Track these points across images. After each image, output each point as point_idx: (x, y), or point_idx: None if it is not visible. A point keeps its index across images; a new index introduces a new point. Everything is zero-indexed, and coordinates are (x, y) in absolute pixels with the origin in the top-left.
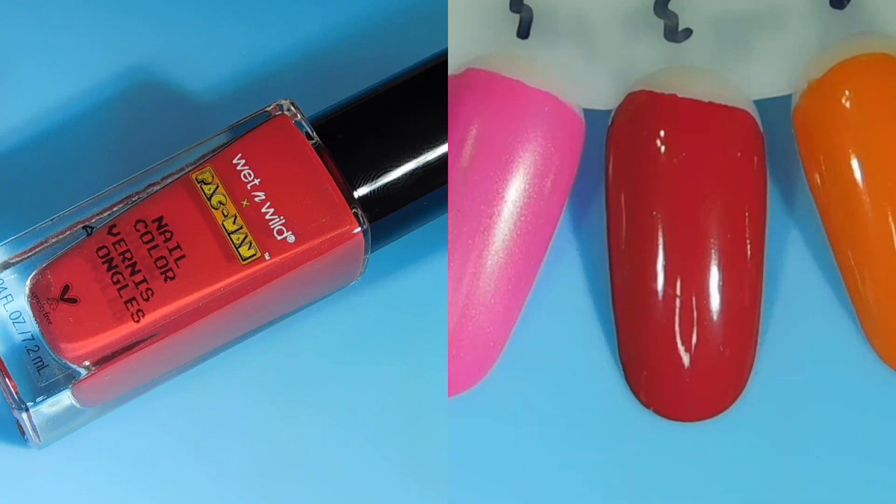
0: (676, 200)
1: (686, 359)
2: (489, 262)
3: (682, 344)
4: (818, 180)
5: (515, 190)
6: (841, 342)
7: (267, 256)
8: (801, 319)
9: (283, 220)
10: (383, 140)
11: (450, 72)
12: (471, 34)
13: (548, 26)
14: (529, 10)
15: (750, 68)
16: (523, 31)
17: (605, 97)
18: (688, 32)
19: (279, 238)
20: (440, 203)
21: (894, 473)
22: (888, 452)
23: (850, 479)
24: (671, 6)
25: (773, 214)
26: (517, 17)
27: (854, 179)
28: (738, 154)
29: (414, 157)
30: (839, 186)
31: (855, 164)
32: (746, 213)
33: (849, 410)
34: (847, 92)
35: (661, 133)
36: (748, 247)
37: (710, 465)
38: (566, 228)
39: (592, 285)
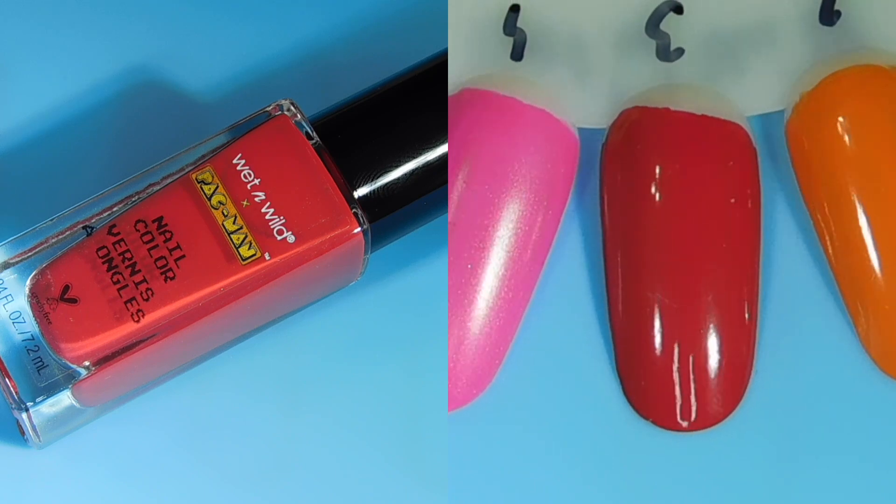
0: (670, 214)
1: (682, 369)
2: (486, 279)
3: (680, 352)
4: (812, 192)
5: (512, 206)
6: (838, 349)
7: (267, 256)
8: (798, 329)
9: (283, 221)
10: (383, 140)
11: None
12: (467, 57)
13: (542, 48)
14: (523, 32)
15: (742, 85)
16: (517, 54)
17: (600, 116)
18: (680, 51)
19: (279, 238)
20: (440, 203)
21: (893, 481)
22: (887, 460)
23: (850, 487)
24: (663, 26)
25: (768, 225)
26: (511, 39)
27: (848, 190)
28: (731, 166)
29: (414, 157)
30: (832, 197)
31: (848, 174)
32: (741, 225)
33: (846, 418)
34: (839, 102)
35: (655, 146)
36: (744, 256)
37: (708, 473)
38: (563, 242)
39: (589, 297)
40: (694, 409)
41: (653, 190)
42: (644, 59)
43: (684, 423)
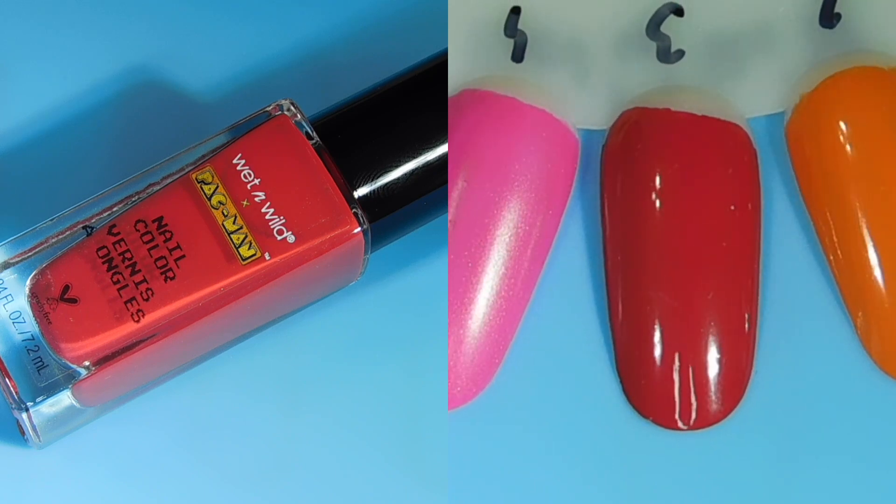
0: (670, 213)
1: (682, 374)
2: (487, 276)
3: (679, 353)
4: (812, 193)
5: (511, 205)
6: (838, 349)
7: (267, 256)
8: (798, 326)
9: (283, 220)
10: (383, 140)
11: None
12: (467, 58)
13: (542, 50)
14: (524, 34)
15: (742, 88)
16: (518, 55)
17: (600, 117)
18: (680, 53)
19: (279, 238)
20: (440, 203)
21: (893, 481)
22: (887, 460)
23: (850, 487)
24: (663, 28)
25: (768, 226)
26: (512, 41)
27: (847, 191)
28: (731, 167)
29: (414, 157)
30: (832, 197)
31: (848, 175)
32: (741, 226)
33: (846, 418)
34: (839, 104)
35: (655, 147)
36: (744, 257)
37: (708, 473)
38: (563, 242)
39: (589, 297)
40: (694, 410)
41: (653, 194)
42: (644, 61)
43: (684, 426)
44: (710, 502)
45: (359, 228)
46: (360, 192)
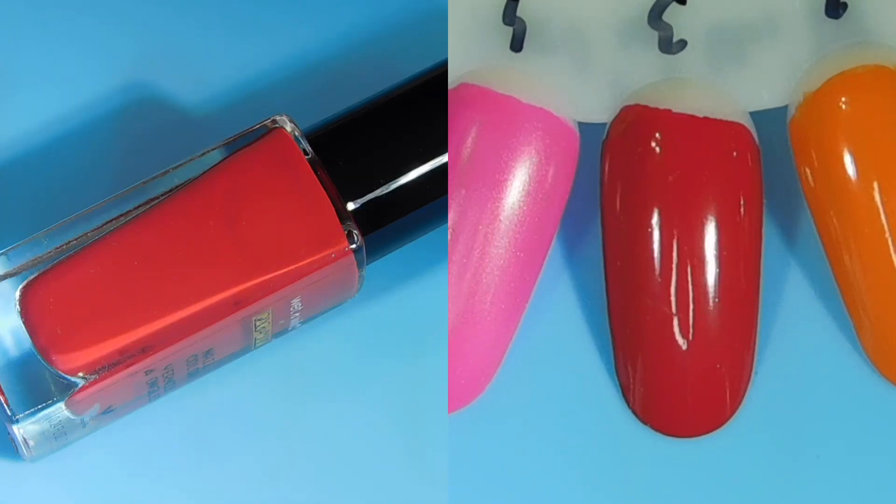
0: (672, 214)
1: (682, 374)
2: (485, 278)
3: (679, 360)
4: (814, 191)
5: (510, 206)
6: (838, 359)
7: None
8: (799, 335)
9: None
10: (379, 154)
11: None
12: (465, 48)
13: (542, 39)
14: (522, 23)
15: (745, 79)
16: (516, 45)
17: (600, 110)
18: (682, 44)
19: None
20: (436, 216)
21: (892, 481)
22: (887, 462)
23: (850, 489)
24: (665, 17)
25: (770, 226)
26: (511, 30)
27: (851, 191)
28: (734, 167)
29: (411, 169)
30: (835, 197)
31: (851, 175)
32: (742, 226)
33: (847, 424)
34: (842, 104)
35: (657, 148)
36: (744, 259)
37: (708, 472)
38: (562, 243)
39: (589, 300)
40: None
41: (655, 190)
42: (646, 52)
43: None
44: (709, 502)
45: (353, 245)
46: (356, 206)
